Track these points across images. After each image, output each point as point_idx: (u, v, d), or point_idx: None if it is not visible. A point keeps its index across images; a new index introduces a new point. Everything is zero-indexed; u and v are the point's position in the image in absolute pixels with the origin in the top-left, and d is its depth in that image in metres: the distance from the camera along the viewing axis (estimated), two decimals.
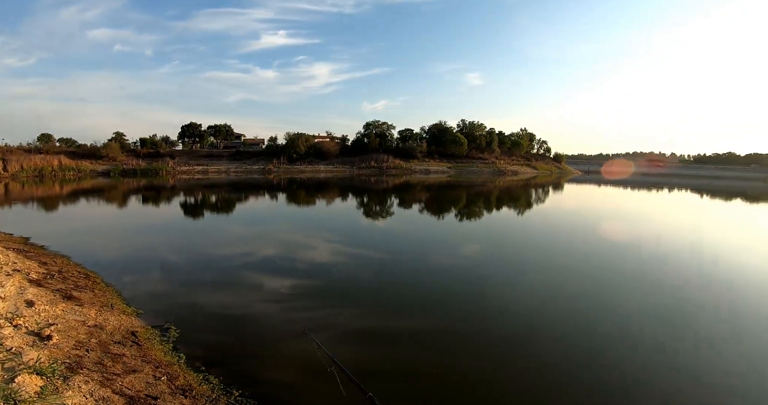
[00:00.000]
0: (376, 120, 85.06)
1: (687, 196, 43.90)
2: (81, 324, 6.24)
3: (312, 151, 77.00)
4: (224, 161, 72.18)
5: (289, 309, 8.09)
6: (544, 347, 6.63)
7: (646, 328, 7.43)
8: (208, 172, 63.17)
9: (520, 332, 7.24)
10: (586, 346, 6.67)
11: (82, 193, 34.45)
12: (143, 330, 6.65)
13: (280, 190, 39.79)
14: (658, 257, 13.35)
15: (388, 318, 7.79)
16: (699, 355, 6.50)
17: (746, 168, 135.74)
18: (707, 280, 10.68)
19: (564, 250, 14.17)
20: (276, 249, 13.83)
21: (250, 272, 10.82)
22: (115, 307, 7.47)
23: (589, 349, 6.54)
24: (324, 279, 10.24)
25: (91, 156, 63.04)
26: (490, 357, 6.30)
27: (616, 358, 6.28)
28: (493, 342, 6.84)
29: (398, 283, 10.11)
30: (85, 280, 9.17)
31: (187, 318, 7.43)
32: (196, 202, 29.94)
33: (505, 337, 7.02)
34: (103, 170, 58.38)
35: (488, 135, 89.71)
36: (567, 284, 10.21)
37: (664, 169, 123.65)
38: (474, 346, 6.64)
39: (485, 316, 7.99)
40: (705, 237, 17.59)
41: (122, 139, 73.41)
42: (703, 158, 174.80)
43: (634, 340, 6.93)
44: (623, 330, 7.35)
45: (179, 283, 9.80)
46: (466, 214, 24.26)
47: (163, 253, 13.11)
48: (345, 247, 14.49)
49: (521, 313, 8.27)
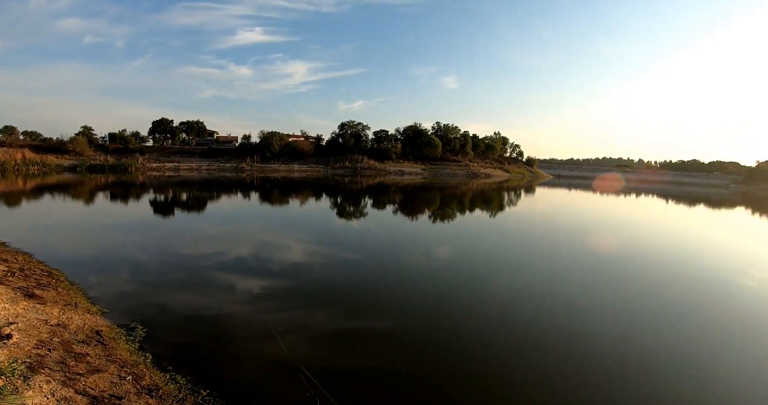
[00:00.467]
0: (351, 120, 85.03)
1: (654, 201, 45.34)
2: (43, 323, 6.08)
3: (286, 151, 76.38)
4: (196, 159, 70.88)
5: (259, 310, 8.03)
6: (515, 345, 6.77)
7: (616, 324, 7.66)
8: (179, 170, 61.94)
9: (491, 330, 7.39)
10: (557, 342, 6.83)
11: (47, 189, 33.33)
12: (108, 329, 6.51)
13: (254, 188, 39.34)
14: (626, 256, 13.75)
15: (360, 319, 7.82)
16: (672, 350, 6.73)
17: (709, 175, 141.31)
18: (673, 276, 11.07)
19: (535, 250, 14.48)
20: (248, 249, 13.69)
21: (221, 272, 10.69)
22: (79, 306, 7.29)
23: (558, 345, 6.70)
24: (296, 280, 10.20)
25: (57, 150, 61.05)
26: (461, 355, 6.40)
27: (587, 354, 6.46)
28: (464, 340, 6.94)
29: (371, 283, 10.15)
30: (48, 278, 8.90)
31: (155, 318, 7.30)
32: (166, 199, 29.33)
33: (475, 336, 7.14)
34: (69, 165, 56.57)
35: (462, 138, 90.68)
36: (537, 283, 10.47)
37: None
38: (445, 345, 6.73)
39: (457, 315, 8.11)
40: (669, 237, 18.20)
41: (90, 133, 71.35)
42: (669, 165, 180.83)
43: (605, 336, 7.14)
44: (593, 326, 7.56)
45: (147, 283, 9.60)
46: (440, 215, 24.49)
47: (132, 252, 12.81)
48: (318, 247, 14.45)
49: (492, 311, 8.43)
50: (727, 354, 6.78)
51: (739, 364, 6.48)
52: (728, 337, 7.54)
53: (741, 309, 9.22)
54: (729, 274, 12.53)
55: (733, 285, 11.23)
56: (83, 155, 61.52)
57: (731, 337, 7.54)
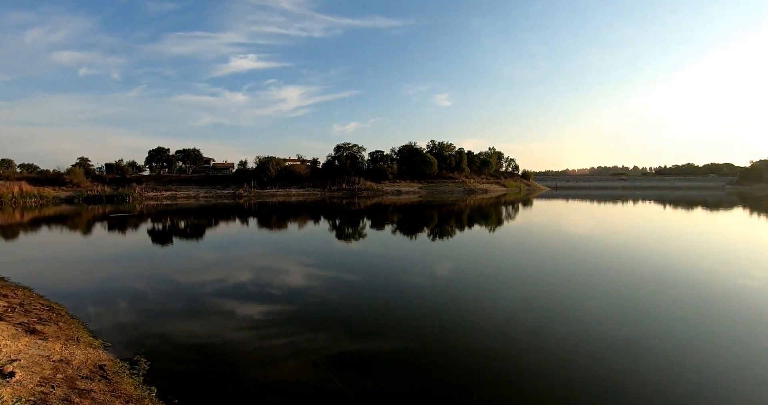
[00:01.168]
0: (346, 142, 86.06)
1: (651, 207, 45.44)
2: (45, 359, 6.04)
3: (283, 175, 76.88)
4: (193, 186, 71.17)
5: (261, 336, 8.00)
6: (521, 359, 6.74)
7: (622, 337, 7.62)
8: (176, 198, 62.05)
9: (496, 346, 7.34)
10: (563, 353, 6.80)
11: (45, 221, 33.30)
12: (111, 363, 6.47)
13: (252, 214, 39.36)
14: (630, 267, 13.69)
15: (363, 341, 7.79)
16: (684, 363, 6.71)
17: (705, 177, 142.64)
18: (678, 286, 11.04)
19: (536, 263, 14.46)
20: (248, 275, 13.67)
21: (222, 299, 10.65)
22: (81, 341, 7.25)
23: (564, 357, 6.67)
24: (298, 303, 10.17)
25: (54, 182, 61.35)
26: (468, 372, 6.36)
27: (592, 367, 6.43)
28: (469, 357, 6.90)
29: (373, 305, 10.11)
30: (48, 312, 8.87)
31: (158, 349, 7.26)
32: (164, 228, 29.32)
33: (480, 352, 7.10)
34: (66, 197, 56.74)
35: (458, 155, 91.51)
36: (540, 295, 10.45)
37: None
38: (451, 363, 6.70)
39: (462, 332, 8.08)
40: (668, 242, 18.19)
41: (87, 164, 71.84)
42: (664, 170, 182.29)
43: (613, 347, 7.10)
44: (600, 336, 7.53)
45: (148, 313, 9.57)
46: (439, 233, 24.50)
47: (131, 283, 12.78)
48: (318, 270, 14.43)
49: (496, 326, 8.39)
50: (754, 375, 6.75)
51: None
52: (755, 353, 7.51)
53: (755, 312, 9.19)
54: (740, 278, 12.48)
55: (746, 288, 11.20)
56: (80, 186, 61.79)
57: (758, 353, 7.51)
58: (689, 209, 41.27)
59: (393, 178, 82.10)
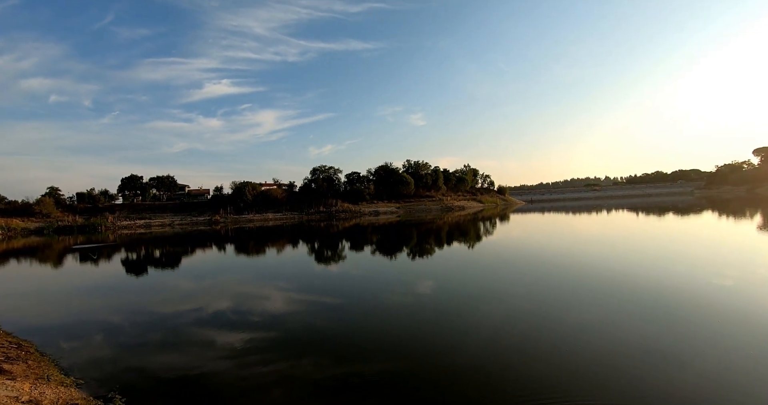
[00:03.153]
0: (323, 165, 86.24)
1: (626, 215, 46.34)
2: (14, 400, 5.75)
3: (260, 200, 76.33)
4: (168, 214, 69.95)
5: (243, 365, 7.78)
6: (506, 375, 6.69)
7: (604, 351, 7.65)
8: (151, 226, 60.84)
9: (481, 363, 7.28)
10: (549, 367, 6.78)
11: (12, 254, 32.19)
12: (84, 402, 6.19)
13: (229, 240, 38.78)
14: (609, 277, 13.83)
15: (347, 364, 7.64)
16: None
17: (674, 184, 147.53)
18: (647, 287, 11.19)
19: (516, 277, 14.51)
20: (227, 302, 13.37)
21: (200, 329, 10.38)
22: (51, 379, 6.94)
23: (550, 371, 6.64)
24: (279, 330, 9.97)
25: (23, 213, 59.62)
26: (454, 392, 6.29)
27: (578, 380, 6.42)
28: (455, 376, 6.83)
29: (357, 327, 9.98)
30: (17, 350, 8.49)
31: (134, 385, 6.99)
32: (139, 258, 28.63)
33: (466, 371, 7.02)
34: (36, 228, 55.12)
35: (434, 173, 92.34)
36: (522, 310, 10.43)
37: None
38: (436, 383, 6.61)
39: (446, 352, 7.99)
40: (642, 248, 18.49)
41: (57, 193, 70.16)
42: (635, 179, 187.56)
43: (594, 363, 7.11)
44: (580, 350, 7.53)
45: (123, 347, 9.24)
46: (418, 252, 24.49)
47: (105, 316, 12.36)
48: (298, 295, 14.22)
49: (480, 343, 8.33)
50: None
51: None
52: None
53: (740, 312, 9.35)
54: (716, 277, 12.73)
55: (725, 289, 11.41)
56: (50, 217, 60.16)
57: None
58: (662, 215, 42.24)
59: (370, 199, 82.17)
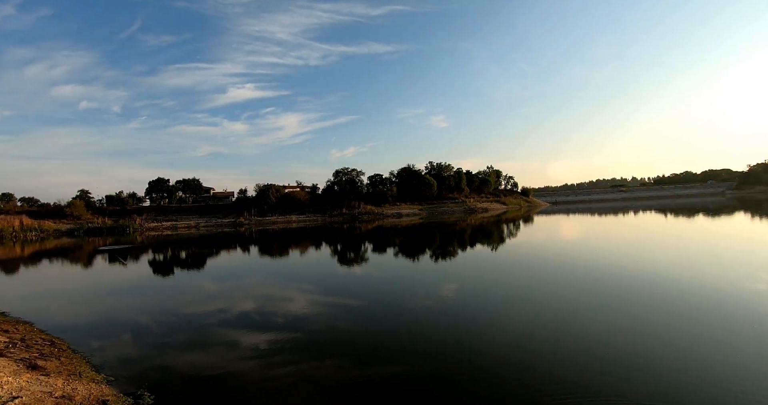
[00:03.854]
0: (345, 167, 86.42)
1: (653, 217, 45.24)
2: (48, 395, 5.93)
3: (283, 202, 77.02)
4: (194, 216, 71.22)
5: (267, 365, 7.87)
6: (529, 380, 6.60)
7: (634, 354, 7.48)
8: (177, 228, 62.04)
9: (503, 369, 7.19)
10: (571, 377, 6.66)
11: (45, 255, 33.26)
12: (114, 398, 6.35)
13: (253, 242, 39.27)
14: (636, 280, 13.52)
15: (369, 367, 7.66)
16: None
17: (704, 184, 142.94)
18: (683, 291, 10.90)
19: (540, 281, 14.30)
20: (251, 303, 13.55)
21: (225, 329, 10.53)
22: (83, 376, 7.14)
23: (572, 380, 6.53)
24: (302, 331, 10.04)
25: (55, 215, 61.49)
26: (475, 397, 6.23)
27: (605, 387, 6.29)
28: (477, 380, 6.77)
29: (378, 330, 9.99)
30: (50, 347, 8.76)
31: (161, 383, 7.14)
32: (165, 259, 29.25)
33: (488, 376, 6.95)
34: (67, 230, 56.76)
35: (456, 175, 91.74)
36: (546, 314, 10.27)
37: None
38: (457, 387, 6.56)
39: (467, 356, 7.93)
40: (670, 252, 18.00)
41: (87, 196, 72.13)
42: (663, 179, 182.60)
43: (622, 363, 6.96)
44: (607, 356, 7.38)
45: (151, 346, 9.44)
46: (441, 254, 24.37)
47: (133, 315, 12.66)
48: (321, 296, 14.31)
49: (503, 347, 8.24)
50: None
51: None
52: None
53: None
54: (750, 281, 12.32)
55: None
56: (81, 219, 61.86)
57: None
58: (691, 216, 41.06)
59: (393, 201, 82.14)
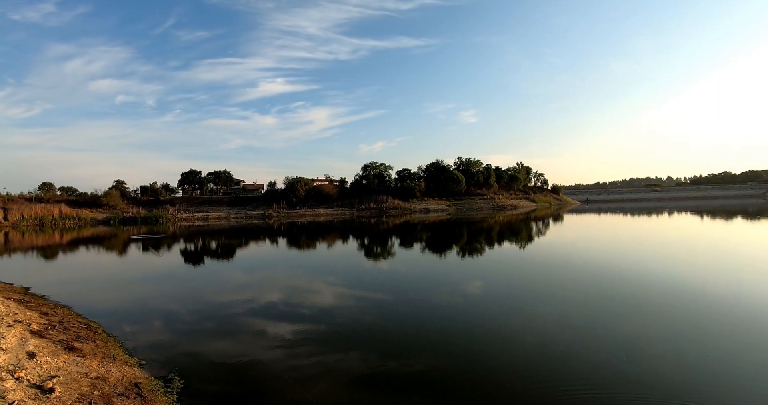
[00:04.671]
0: (373, 161, 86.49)
1: (688, 218, 43.77)
2: (83, 376, 6.15)
3: (311, 195, 77.70)
4: (224, 207, 72.60)
5: (292, 355, 7.97)
6: (555, 379, 6.49)
7: (656, 358, 7.28)
8: (208, 219, 63.36)
9: (528, 367, 7.09)
10: (596, 379, 6.52)
11: (82, 242, 34.47)
12: (146, 381, 6.54)
13: (281, 234, 39.78)
14: (662, 284, 13.13)
15: (393, 360, 7.66)
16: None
17: (743, 185, 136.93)
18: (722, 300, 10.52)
19: (569, 280, 14.04)
20: (278, 294, 13.73)
21: (253, 319, 10.71)
22: (117, 358, 7.37)
23: (598, 383, 6.39)
24: (327, 323, 10.12)
25: (92, 204, 63.65)
26: (498, 395, 6.16)
27: (629, 388, 6.14)
28: (500, 377, 6.70)
29: (403, 324, 9.98)
30: (86, 330, 9.07)
31: (191, 368, 7.32)
32: (196, 249, 29.92)
33: (512, 374, 6.86)
34: (103, 218, 58.70)
35: (485, 171, 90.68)
36: (574, 316, 10.06)
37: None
38: (480, 385, 6.51)
39: (491, 354, 7.85)
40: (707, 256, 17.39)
41: (123, 187, 74.31)
42: (700, 180, 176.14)
43: (654, 374, 6.78)
44: (635, 359, 7.19)
45: (181, 332, 9.69)
46: (468, 251, 24.17)
47: (165, 302, 13.01)
48: (347, 290, 14.39)
49: (527, 346, 8.12)
50: None
51: None
52: None
53: None
54: None
55: None
56: (116, 208, 63.85)
57: None
58: (729, 219, 39.48)
59: (421, 196, 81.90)
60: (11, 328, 7.60)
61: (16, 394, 4.84)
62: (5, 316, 8.62)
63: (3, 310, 8.98)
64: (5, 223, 49.72)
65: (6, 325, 7.84)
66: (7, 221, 50.22)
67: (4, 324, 7.85)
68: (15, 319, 8.56)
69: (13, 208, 52.41)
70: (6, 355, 6.14)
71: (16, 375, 5.45)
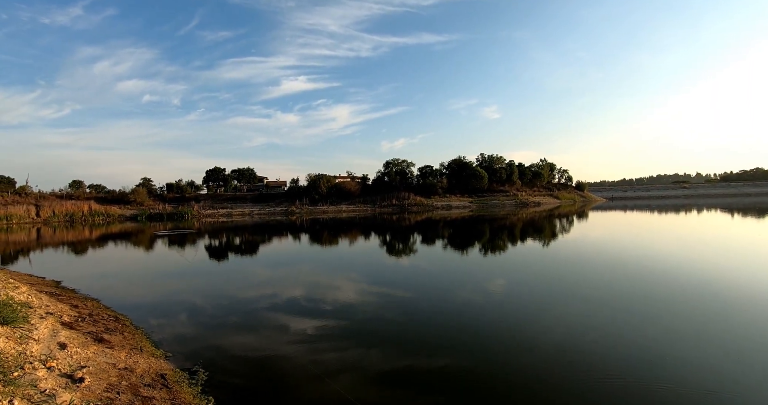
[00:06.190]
0: (395, 158, 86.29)
1: (718, 216, 42.47)
2: (112, 367, 6.30)
3: (333, 192, 78.03)
4: (248, 204, 73.49)
5: (315, 350, 8.01)
6: (577, 380, 6.38)
7: (686, 355, 7.09)
8: (232, 215, 64.27)
9: (551, 367, 6.98)
10: (621, 382, 6.38)
11: (111, 238, 35.34)
12: (172, 373, 6.66)
13: (304, 231, 40.08)
14: (693, 284, 12.78)
15: (414, 357, 7.63)
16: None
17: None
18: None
19: (593, 279, 13.79)
20: (300, 290, 13.84)
21: (275, 313, 10.82)
22: (144, 350, 7.53)
23: (621, 379, 6.25)
24: (349, 319, 10.15)
25: (120, 201, 65.19)
26: (520, 395, 6.09)
27: (653, 388, 5.99)
28: (521, 376, 6.62)
29: (425, 321, 9.93)
30: (114, 322, 9.29)
31: (215, 361, 7.43)
32: (220, 244, 30.38)
33: (534, 374, 6.77)
34: (130, 215, 60.11)
35: (508, 167, 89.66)
36: (600, 316, 9.87)
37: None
38: (502, 384, 6.44)
39: (514, 353, 7.75)
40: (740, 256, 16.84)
41: (149, 184, 75.79)
42: (730, 176, 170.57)
43: (686, 378, 6.61)
44: (666, 363, 7.02)
45: (206, 326, 9.84)
46: (490, 248, 23.96)
47: (190, 296, 13.25)
48: (369, 286, 14.41)
49: (550, 346, 7.99)
50: None
51: None
52: None
53: None
54: None
55: None
56: (143, 205, 65.28)
57: None
58: (762, 217, 38.21)
59: (443, 193, 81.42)
60: (43, 320, 7.83)
61: (48, 383, 4.98)
62: (38, 308, 8.88)
63: (35, 303, 9.26)
64: (38, 220, 51.34)
65: (38, 316, 8.08)
66: (39, 217, 51.86)
67: (37, 316, 8.10)
68: (47, 311, 8.82)
69: (44, 205, 54.09)
70: (38, 345, 6.33)
71: (48, 365, 5.61)
